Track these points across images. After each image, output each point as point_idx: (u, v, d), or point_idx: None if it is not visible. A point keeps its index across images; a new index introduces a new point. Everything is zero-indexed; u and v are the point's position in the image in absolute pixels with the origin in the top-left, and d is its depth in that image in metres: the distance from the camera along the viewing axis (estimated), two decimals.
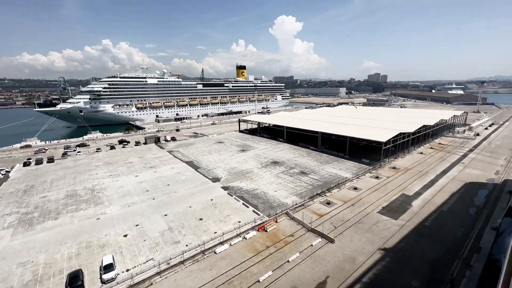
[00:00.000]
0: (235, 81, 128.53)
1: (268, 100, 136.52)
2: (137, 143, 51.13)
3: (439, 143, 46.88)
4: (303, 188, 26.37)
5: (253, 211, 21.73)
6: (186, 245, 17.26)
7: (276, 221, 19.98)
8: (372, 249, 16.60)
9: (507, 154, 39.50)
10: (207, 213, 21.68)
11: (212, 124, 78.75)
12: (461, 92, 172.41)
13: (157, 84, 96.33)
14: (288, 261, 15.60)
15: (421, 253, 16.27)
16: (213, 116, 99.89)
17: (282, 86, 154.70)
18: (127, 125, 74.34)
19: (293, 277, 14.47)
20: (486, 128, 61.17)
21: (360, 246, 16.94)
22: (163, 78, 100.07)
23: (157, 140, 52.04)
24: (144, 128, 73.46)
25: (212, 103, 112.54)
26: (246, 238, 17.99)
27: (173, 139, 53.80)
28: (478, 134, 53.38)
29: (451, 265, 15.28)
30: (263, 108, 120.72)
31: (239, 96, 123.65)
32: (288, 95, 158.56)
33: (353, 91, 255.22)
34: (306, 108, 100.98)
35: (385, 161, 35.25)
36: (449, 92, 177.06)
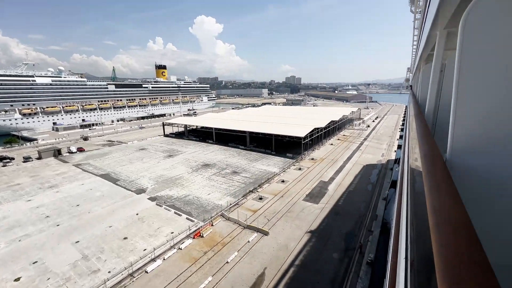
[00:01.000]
0: (155, 82, 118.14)
1: (194, 101, 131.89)
2: (27, 159, 39.87)
3: (344, 135, 56.17)
4: (236, 188, 26.89)
5: (187, 218, 20.68)
6: (109, 272, 14.86)
7: (212, 225, 19.67)
8: (301, 234, 18.59)
9: (388, 140, 50.93)
10: (132, 230, 19.26)
11: (132, 129, 70.16)
12: (355, 92, 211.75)
13: (51, 84, 77.75)
14: (227, 262, 15.64)
15: (338, 229, 19.34)
16: (131, 120, 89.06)
17: (207, 87, 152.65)
18: (8, 137, 56.81)
19: (233, 277, 14.61)
20: (373, 121, 77.02)
21: (291, 233, 18.68)
22: (60, 77, 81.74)
23: (57, 153, 42.28)
24: (35, 140, 58.13)
25: (129, 106, 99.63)
26: (181, 249, 16.97)
27: (80, 150, 44.96)
28: (368, 126, 66.66)
29: (359, 234, 18.80)
30: (189, 110, 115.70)
31: (161, 98, 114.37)
32: (214, 96, 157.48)
33: (274, 92, 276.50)
34: (233, 108, 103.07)
35: (305, 154, 39.70)
36: (347, 92, 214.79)
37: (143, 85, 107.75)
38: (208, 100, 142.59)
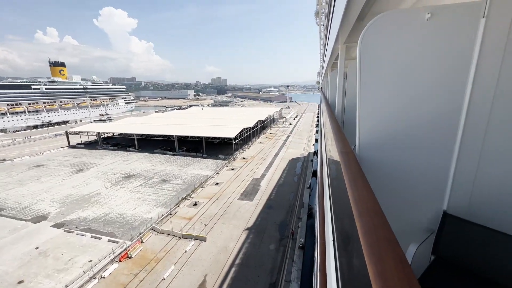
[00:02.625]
0: (50, 82, 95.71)
1: (107, 105, 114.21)
2: None
3: (270, 133, 60.15)
4: (167, 197, 25.02)
5: (109, 240, 17.88)
6: None
7: (142, 242, 17.68)
8: (239, 233, 18.96)
9: (307, 135, 57.51)
10: (32, 269, 15.27)
11: (16, 142, 55.28)
12: (277, 93, 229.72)
13: None
14: (163, 279, 14.41)
15: (272, 221, 20.69)
16: (17, 131, 70.16)
17: (123, 88, 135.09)
18: None
19: None
20: (294, 119, 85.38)
21: (229, 234, 18.80)
22: None
23: None
24: None
25: (11, 113, 77.37)
26: (104, 277, 14.56)
27: None
28: (290, 124, 73.55)
29: (291, 222, 20.66)
30: (101, 115, 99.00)
31: (62, 102, 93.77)
32: (132, 98, 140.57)
33: (200, 94, 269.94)
34: (156, 112, 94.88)
35: (236, 154, 40.53)
36: (270, 93, 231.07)
37: (33, 86, 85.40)
38: (126, 103, 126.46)
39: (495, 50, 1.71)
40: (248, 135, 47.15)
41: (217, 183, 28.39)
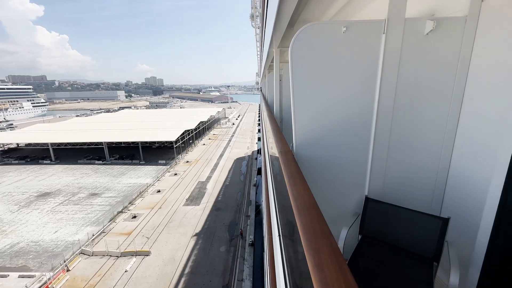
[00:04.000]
0: None
1: (7, 109, 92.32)
2: None
3: (214, 134, 59.32)
4: (99, 213, 21.90)
5: (20, 277, 14.56)
6: None
7: (68, 269, 15.02)
8: (187, 240, 18.10)
9: (250, 134, 58.99)
10: None
11: None
12: (218, 93, 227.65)
13: None
14: None
15: (221, 223, 20.49)
16: None
17: (29, 88, 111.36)
18: None
19: None
20: (237, 119, 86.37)
21: (176, 243, 17.75)
22: None
23: None
24: None
25: None
26: None
27: None
28: (233, 124, 74.10)
29: (239, 221, 20.89)
30: None
31: None
32: (43, 101, 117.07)
33: (133, 94, 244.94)
34: (78, 116, 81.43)
35: (179, 157, 38.48)
36: (211, 94, 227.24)
37: None
38: (34, 106, 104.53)
39: (393, 61, 2.10)
40: (190, 137, 45.28)
41: (159, 191, 26.35)
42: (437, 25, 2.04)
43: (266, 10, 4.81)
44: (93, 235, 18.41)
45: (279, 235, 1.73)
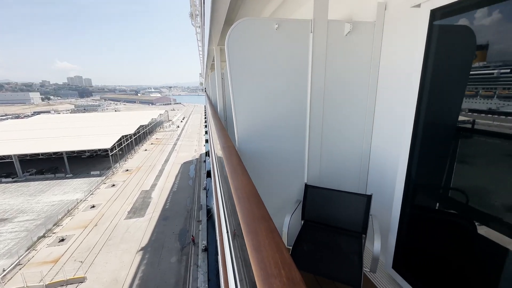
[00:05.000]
0: None
1: None
2: None
3: (156, 138, 55.37)
4: (11, 242, 17.88)
5: None
6: None
7: None
8: (132, 256, 16.37)
9: (197, 136, 57.26)
10: None
11: None
12: (159, 95, 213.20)
13: None
14: None
15: (170, 233, 19.22)
16: None
17: None
18: None
19: None
20: (181, 121, 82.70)
21: (119, 262, 15.87)
22: None
23: None
24: None
25: None
26: None
27: None
28: (178, 126, 70.65)
29: (191, 228, 20.00)
30: None
31: None
32: None
33: (52, 97, 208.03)
34: None
35: (116, 166, 34.55)
36: (151, 95, 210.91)
37: None
38: None
39: (320, 58, 2.31)
40: (129, 143, 41.03)
41: (93, 206, 23.05)
42: (353, 28, 2.34)
43: (203, 7, 4.72)
44: (4, 270, 14.92)
45: (227, 232, 1.71)
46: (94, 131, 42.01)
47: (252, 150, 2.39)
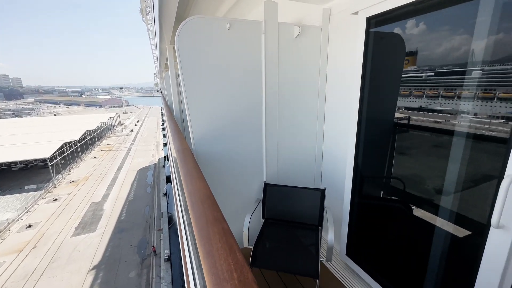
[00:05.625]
0: None
1: None
2: None
3: (107, 144, 50.56)
4: None
5: None
6: None
7: None
8: (83, 277, 14.61)
9: (154, 140, 54.02)
10: None
11: None
12: (108, 96, 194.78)
13: None
14: None
15: (127, 246, 17.71)
16: None
17: None
18: None
19: None
20: (136, 124, 77.10)
21: (66, 286, 14.01)
22: None
23: None
24: None
25: None
26: None
27: None
28: (132, 130, 65.70)
29: (151, 238, 18.74)
30: None
31: None
32: None
33: None
34: None
35: (58, 178, 30.52)
36: (99, 97, 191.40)
37: None
38: None
39: (273, 59, 2.38)
40: (74, 151, 36.50)
41: (29, 226, 19.90)
42: (302, 31, 2.46)
43: (153, 3, 4.45)
44: None
45: (186, 238, 1.64)
46: (29, 138, 36.25)
47: (209, 152, 2.34)
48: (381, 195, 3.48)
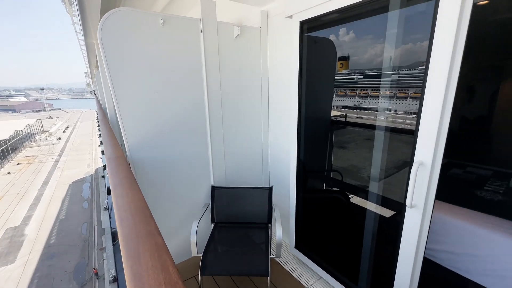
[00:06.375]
0: None
1: None
2: None
3: (26, 156, 42.50)
4: None
5: None
6: None
7: None
8: None
9: (89, 148, 47.73)
10: None
11: None
12: (25, 99, 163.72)
13: None
14: None
15: (61, 273, 15.15)
16: None
17: None
18: None
19: None
20: (64, 131, 66.80)
21: None
22: None
23: None
24: None
25: None
26: None
27: None
28: (60, 138, 56.68)
29: (91, 260, 16.44)
30: None
31: None
32: None
33: None
34: None
35: None
36: (11, 99, 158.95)
37: None
38: None
39: (213, 58, 2.32)
40: None
41: None
42: (242, 32, 2.46)
43: None
44: None
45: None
46: None
47: (149, 159, 2.14)
48: (324, 187, 3.77)
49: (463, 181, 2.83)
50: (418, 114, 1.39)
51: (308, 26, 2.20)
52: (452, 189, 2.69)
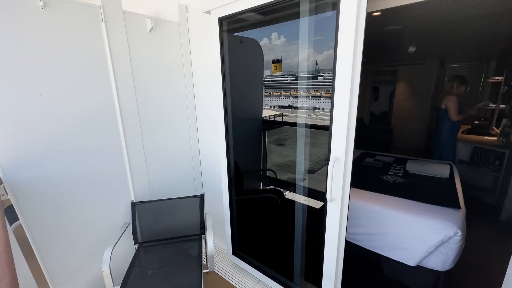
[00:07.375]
0: None
1: None
2: None
3: None
4: None
5: None
6: None
7: None
8: None
9: None
10: None
11: None
12: None
13: None
14: None
15: None
16: None
17: None
18: None
19: None
20: None
21: None
22: None
23: None
24: None
25: None
26: None
27: None
28: None
29: None
30: None
31: None
32: None
33: None
34: None
35: None
36: None
37: None
38: None
39: (123, 53, 1.99)
40: None
41: None
42: (157, 25, 2.20)
43: None
44: None
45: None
46: None
47: (38, 178, 1.67)
48: (261, 187, 3.80)
49: (374, 168, 3.27)
50: (331, 112, 1.46)
51: (233, 27, 2.12)
52: (366, 177, 3.07)
